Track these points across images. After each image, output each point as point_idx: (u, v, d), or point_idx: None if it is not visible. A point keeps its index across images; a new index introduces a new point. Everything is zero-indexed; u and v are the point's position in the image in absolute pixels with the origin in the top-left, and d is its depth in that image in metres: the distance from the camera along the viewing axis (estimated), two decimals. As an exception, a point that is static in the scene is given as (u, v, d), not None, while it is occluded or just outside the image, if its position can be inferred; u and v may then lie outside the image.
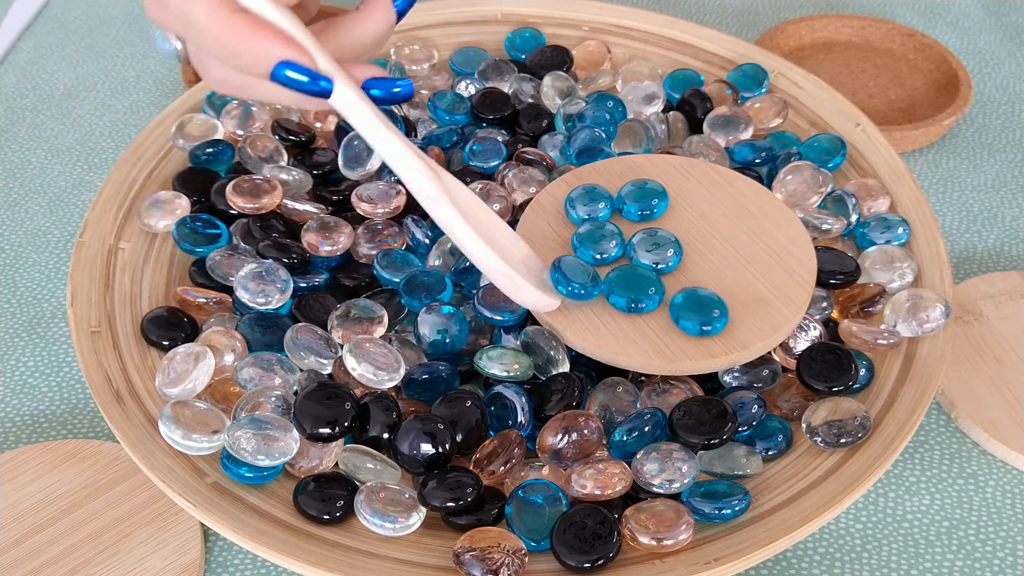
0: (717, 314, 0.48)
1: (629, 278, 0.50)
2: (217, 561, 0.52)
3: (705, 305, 0.49)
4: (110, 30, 0.90)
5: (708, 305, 0.49)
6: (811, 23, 0.85)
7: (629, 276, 0.50)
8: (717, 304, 0.49)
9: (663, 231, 0.52)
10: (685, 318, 0.48)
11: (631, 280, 0.50)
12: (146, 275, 0.56)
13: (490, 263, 0.47)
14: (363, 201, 0.56)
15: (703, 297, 0.49)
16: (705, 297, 0.49)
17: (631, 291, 0.49)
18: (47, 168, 0.75)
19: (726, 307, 0.49)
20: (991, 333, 0.61)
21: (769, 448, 0.48)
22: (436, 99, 0.63)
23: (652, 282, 0.49)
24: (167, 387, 0.48)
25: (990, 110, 0.80)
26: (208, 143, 0.61)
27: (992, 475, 0.56)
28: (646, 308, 0.49)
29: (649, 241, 0.52)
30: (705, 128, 0.63)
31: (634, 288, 0.49)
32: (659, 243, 0.51)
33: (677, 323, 0.49)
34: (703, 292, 0.50)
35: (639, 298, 0.49)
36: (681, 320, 0.49)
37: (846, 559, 0.52)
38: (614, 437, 0.47)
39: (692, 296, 0.49)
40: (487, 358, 0.49)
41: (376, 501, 0.44)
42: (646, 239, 0.52)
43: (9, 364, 0.62)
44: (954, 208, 0.72)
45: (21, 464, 0.55)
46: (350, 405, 0.46)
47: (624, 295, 0.49)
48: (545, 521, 0.44)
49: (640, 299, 0.49)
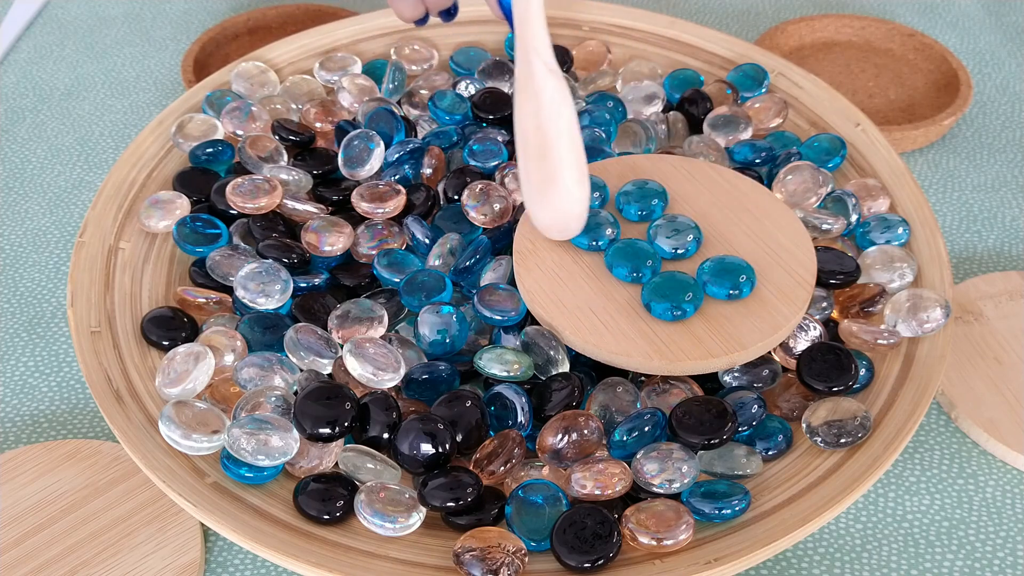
0: (744, 279, 0.49)
1: (668, 284, 0.50)
2: (217, 561, 0.52)
3: (732, 270, 0.50)
4: (110, 30, 0.90)
5: (735, 270, 0.50)
6: (811, 23, 0.85)
7: (668, 282, 0.50)
8: (745, 269, 0.50)
9: (683, 217, 0.53)
10: (714, 284, 0.49)
11: (670, 286, 0.50)
12: (146, 275, 0.56)
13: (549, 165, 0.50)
14: (363, 201, 0.56)
15: (730, 263, 0.50)
16: (732, 263, 0.50)
17: (670, 298, 0.49)
18: (47, 168, 0.75)
19: (753, 272, 0.50)
20: (991, 333, 0.61)
21: (769, 448, 0.48)
22: (436, 99, 0.63)
23: (690, 287, 0.50)
24: (167, 387, 0.48)
25: (990, 110, 0.80)
26: (208, 143, 0.61)
27: (992, 475, 0.56)
28: (687, 314, 0.49)
29: (669, 227, 0.52)
30: (705, 128, 0.63)
31: (673, 295, 0.49)
32: (679, 229, 0.52)
33: (705, 289, 0.49)
34: (730, 258, 0.51)
35: (679, 303, 0.49)
36: (710, 286, 0.49)
37: (846, 559, 0.52)
38: (614, 437, 0.47)
39: (720, 263, 0.50)
40: (487, 358, 0.49)
41: (376, 501, 0.44)
42: (666, 225, 0.52)
43: (9, 364, 0.62)
44: (954, 208, 0.72)
45: (21, 464, 0.55)
46: (350, 405, 0.46)
47: (663, 301, 0.49)
48: (545, 521, 0.44)
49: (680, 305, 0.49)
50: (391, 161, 0.59)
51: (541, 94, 0.50)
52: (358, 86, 0.65)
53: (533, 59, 0.50)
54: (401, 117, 0.61)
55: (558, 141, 0.50)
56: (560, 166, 0.50)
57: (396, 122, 0.60)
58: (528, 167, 0.51)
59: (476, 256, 0.53)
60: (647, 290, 0.50)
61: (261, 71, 0.66)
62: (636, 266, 0.50)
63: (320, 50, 0.69)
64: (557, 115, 0.50)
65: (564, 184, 0.50)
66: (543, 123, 0.50)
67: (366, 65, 0.68)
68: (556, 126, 0.50)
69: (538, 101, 0.50)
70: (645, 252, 0.51)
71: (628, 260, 0.51)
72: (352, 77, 0.65)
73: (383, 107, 0.61)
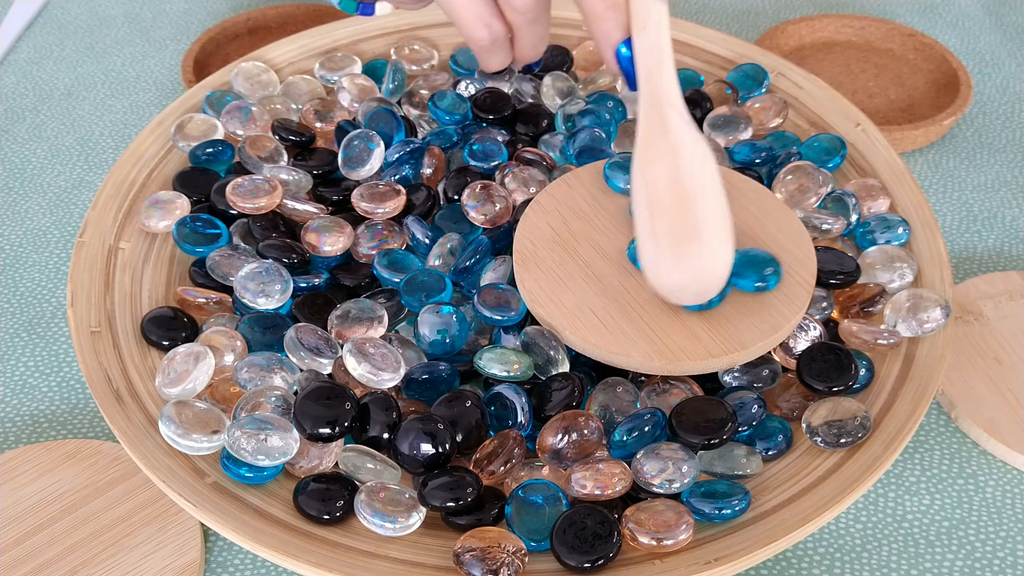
0: (771, 271, 0.49)
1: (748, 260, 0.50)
2: (217, 561, 0.52)
3: (759, 263, 0.50)
4: (110, 30, 0.90)
5: (762, 263, 0.50)
6: (811, 23, 0.85)
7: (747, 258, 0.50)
8: (770, 262, 0.50)
9: None
10: (741, 276, 0.49)
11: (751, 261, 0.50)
12: (146, 275, 0.56)
13: None
14: (363, 201, 0.56)
15: (756, 256, 0.50)
16: (758, 255, 0.50)
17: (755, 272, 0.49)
18: (47, 168, 0.75)
19: (779, 264, 0.50)
20: (991, 333, 0.61)
21: (769, 448, 0.48)
22: (436, 99, 0.63)
23: (769, 262, 0.50)
24: (167, 387, 0.48)
25: (990, 110, 0.80)
26: (208, 143, 0.61)
27: (992, 475, 0.56)
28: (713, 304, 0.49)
29: None
30: (705, 128, 0.63)
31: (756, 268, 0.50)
32: None
33: (733, 281, 0.49)
34: (754, 251, 0.51)
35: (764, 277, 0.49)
36: (736, 278, 0.49)
37: (846, 559, 0.52)
38: (614, 437, 0.47)
39: (745, 255, 0.50)
40: (487, 358, 0.49)
41: (376, 501, 0.44)
42: None
43: (9, 364, 0.62)
44: (954, 208, 0.72)
45: (21, 464, 0.55)
46: (350, 405, 0.46)
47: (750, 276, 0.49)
48: (545, 521, 0.44)
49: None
50: (391, 161, 0.59)
51: (680, 148, 0.46)
52: (358, 86, 0.65)
53: (669, 112, 0.46)
54: (401, 117, 0.61)
55: (702, 196, 0.46)
56: (706, 223, 0.46)
57: (396, 122, 0.60)
58: (656, 226, 0.47)
59: (476, 256, 0.53)
60: None
61: (261, 71, 0.66)
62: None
63: (320, 50, 0.69)
64: (701, 170, 0.46)
65: (709, 242, 0.46)
66: (683, 177, 0.46)
67: (366, 65, 0.68)
68: (700, 181, 0.46)
69: (676, 156, 0.46)
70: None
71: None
72: (352, 77, 0.65)
73: (383, 107, 0.61)
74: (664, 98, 0.47)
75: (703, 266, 0.46)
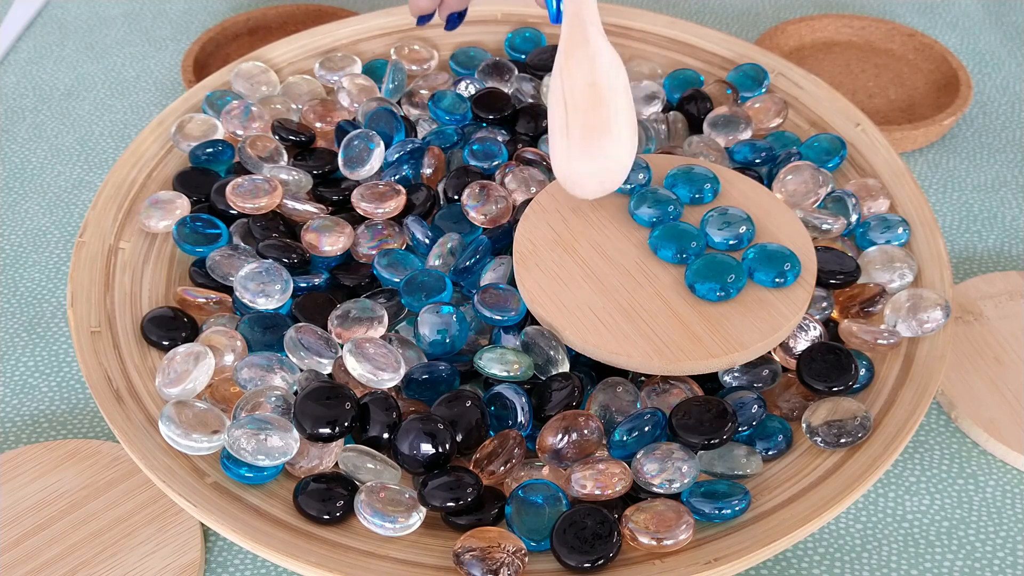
0: (789, 267, 0.50)
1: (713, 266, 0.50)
2: (217, 561, 0.52)
3: (778, 258, 0.50)
4: (110, 30, 0.90)
5: (781, 258, 0.50)
6: (811, 23, 0.85)
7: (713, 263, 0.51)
8: (789, 257, 0.50)
9: (734, 208, 0.53)
10: (760, 271, 0.50)
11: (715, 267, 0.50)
12: (146, 275, 0.56)
13: None
14: (363, 201, 0.56)
15: (774, 251, 0.51)
16: (777, 251, 0.51)
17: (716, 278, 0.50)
18: (47, 168, 0.75)
19: (798, 260, 0.50)
20: (991, 333, 0.61)
21: (769, 448, 0.48)
22: (436, 99, 0.63)
23: (734, 268, 0.50)
24: (167, 387, 0.48)
25: (990, 110, 0.80)
26: (208, 143, 0.61)
27: (992, 475, 0.56)
28: (731, 295, 0.50)
29: (720, 220, 0.53)
30: (705, 128, 0.63)
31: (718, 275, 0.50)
32: (730, 221, 0.52)
33: (752, 277, 0.50)
34: (773, 246, 0.51)
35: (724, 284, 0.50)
36: (756, 273, 0.50)
37: (846, 559, 0.52)
38: (614, 437, 0.47)
39: (763, 250, 0.51)
40: (487, 358, 0.49)
41: (376, 501, 0.44)
42: (717, 218, 0.53)
43: (9, 364, 0.62)
44: (954, 208, 0.72)
45: (21, 464, 0.55)
46: (350, 405, 0.46)
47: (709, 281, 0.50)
48: (545, 521, 0.44)
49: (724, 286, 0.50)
50: (391, 161, 0.59)
51: (598, 57, 0.51)
52: (358, 86, 0.65)
53: (589, 28, 0.52)
54: (401, 117, 0.61)
55: (614, 95, 0.51)
56: (615, 116, 0.51)
57: (396, 122, 0.60)
58: (571, 121, 0.51)
59: (476, 256, 0.53)
60: (691, 271, 0.50)
61: (261, 71, 0.66)
62: (682, 247, 0.51)
63: (320, 50, 0.69)
64: (615, 75, 0.51)
65: (618, 135, 0.51)
66: (598, 80, 0.51)
67: (366, 65, 0.68)
68: (613, 83, 0.51)
69: (593, 64, 0.51)
70: (690, 234, 0.52)
71: (673, 242, 0.51)
72: (352, 77, 0.65)
73: (383, 107, 0.61)
74: (587, 17, 0.53)
75: (612, 154, 0.51)
